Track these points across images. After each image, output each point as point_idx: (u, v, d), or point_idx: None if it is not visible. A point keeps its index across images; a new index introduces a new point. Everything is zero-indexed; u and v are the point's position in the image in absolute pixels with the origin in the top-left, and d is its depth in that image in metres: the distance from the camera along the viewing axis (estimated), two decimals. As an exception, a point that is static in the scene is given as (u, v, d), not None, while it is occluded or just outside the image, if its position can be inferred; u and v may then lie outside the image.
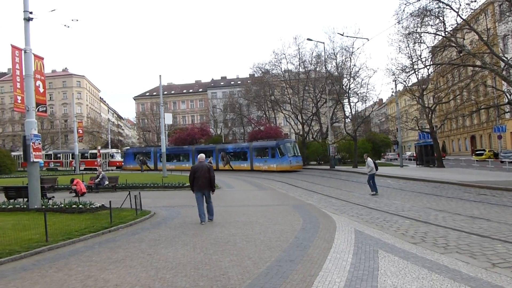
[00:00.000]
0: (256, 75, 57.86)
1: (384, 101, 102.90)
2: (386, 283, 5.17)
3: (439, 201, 13.86)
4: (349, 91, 42.83)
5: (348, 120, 47.95)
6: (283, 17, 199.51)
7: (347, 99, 44.12)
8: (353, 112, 45.30)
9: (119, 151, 53.88)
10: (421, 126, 42.39)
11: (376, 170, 16.80)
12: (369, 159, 17.14)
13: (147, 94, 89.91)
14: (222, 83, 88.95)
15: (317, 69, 48.89)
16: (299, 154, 40.83)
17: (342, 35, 36.29)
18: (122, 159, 51.85)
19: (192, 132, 59.52)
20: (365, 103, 45.35)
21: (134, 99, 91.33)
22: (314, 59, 48.76)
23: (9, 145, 73.12)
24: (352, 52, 40.78)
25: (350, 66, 41.85)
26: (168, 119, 38.31)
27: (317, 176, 29.73)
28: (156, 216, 11.81)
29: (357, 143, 41.94)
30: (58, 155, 55.75)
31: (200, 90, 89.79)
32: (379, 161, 53.56)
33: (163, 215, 12.03)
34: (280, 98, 54.83)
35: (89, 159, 51.96)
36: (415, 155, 46.39)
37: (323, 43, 47.01)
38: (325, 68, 44.52)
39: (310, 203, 14.32)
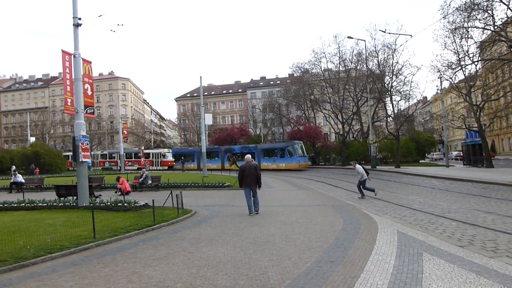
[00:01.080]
0: (295, 75, 57.57)
1: (428, 99, 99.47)
2: (431, 287, 5.00)
3: (488, 203, 13.21)
4: (392, 89, 41.74)
5: (390, 119, 46.74)
6: (323, 16, 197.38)
7: (389, 98, 43.03)
8: (396, 111, 44.11)
9: (170, 150, 53.41)
10: (468, 125, 40.59)
11: (368, 175, 16.37)
12: (357, 165, 16.71)
13: (188, 95, 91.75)
14: (261, 83, 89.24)
15: (358, 67, 47.98)
16: (306, 155, 45.14)
17: (384, 32, 35.47)
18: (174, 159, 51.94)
19: (232, 132, 60.11)
20: (408, 101, 44.06)
21: (176, 100, 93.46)
22: (354, 57, 47.93)
23: (60, 146, 76.91)
24: (395, 49, 39.76)
25: (392, 64, 40.81)
26: (208, 119, 38.89)
27: (357, 176, 29.15)
28: (196, 215, 12.02)
29: (399, 143, 40.79)
30: (113, 155, 56.45)
31: (240, 90, 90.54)
32: (422, 161, 51.91)
33: (203, 214, 12.23)
34: (320, 98, 54.27)
35: (145, 159, 52.08)
36: (461, 154, 44.48)
37: (364, 40, 46.17)
38: (366, 66, 43.65)
39: (350, 204, 14.09)
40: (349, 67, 48.67)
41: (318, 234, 8.59)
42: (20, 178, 23.75)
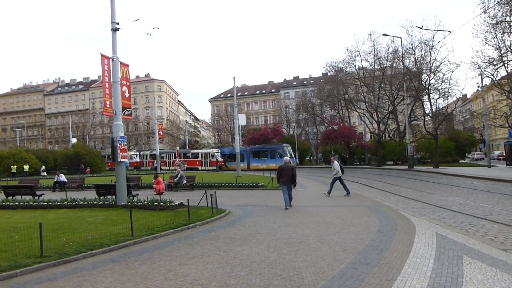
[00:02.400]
0: (329, 74, 56.94)
1: (468, 97, 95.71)
2: (472, 292, 4.82)
3: (535, 205, 12.58)
4: (429, 87, 40.51)
5: (428, 117, 45.36)
6: (357, 14, 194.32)
7: (426, 96, 41.79)
8: (434, 109, 42.74)
9: (219, 151, 52.75)
10: (511, 123, 38.77)
11: (342, 173, 17.03)
12: (335, 162, 17.26)
13: (222, 96, 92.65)
14: (294, 83, 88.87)
15: (394, 65, 46.86)
16: (293, 156, 48.70)
17: (421, 28, 34.47)
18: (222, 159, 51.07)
19: (265, 133, 60.19)
20: (447, 99, 42.55)
21: (210, 101, 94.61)
22: (390, 55, 46.87)
23: (99, 146, 79.60)
24: (432, 46, 38.55)
25: (430, 61, 39.60)
26: (241, 120, 39.13)
27: (394, 177, 28.52)
28: (231, 214, 12.13)
29: (438, 142, 39.52)
30: (162, 155, 55.21)
31: (273, 90, 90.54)
32: (462, 161, 50.06)
33: (237, 214, 12.32)
34: (354, 97, 53.43)
35: (191, 159, 52.15)
36: (504, 154, 42.53)
37: (400, 37, 44.94)
38: (403, 63, 42.56)
39: (386, 205, 13.78)
40: (385, 65, 47.62)
41: (353, 235, 8.47)
42: (62, 177, 24.78)
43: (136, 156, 59.36)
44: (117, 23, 14.65)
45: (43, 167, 40.38)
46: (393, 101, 47.65)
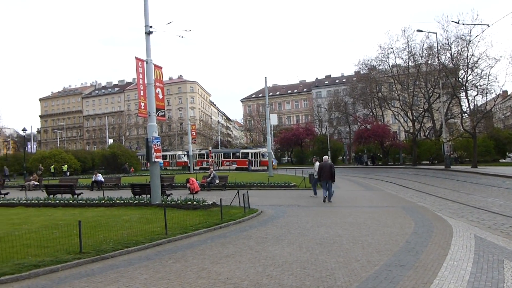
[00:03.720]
0: (361, 72, 55.91)
1: (509, 93, 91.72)
2: (514, 297, 4.63)
3: None
4: (467, 84, 39.04)
5: (465, 115, 43.76)
6: (389, 10, 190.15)
7: (464, 93, 40.28)
8: (472, 107, 41.17)
9: (270, 150, 52.55)
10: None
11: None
12: (317, 163, 17.15)
13: (253, 96, 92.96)
14: (326, 82, 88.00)
15: (429, 61, 45.43)
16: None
17: (458, 23, 33.26)
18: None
19: (297, 132, 59.85)
20: (486, 96, 40.80)
21: (241, 102, 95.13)
22: (425, 51, 45.41)
23: (134, 147, 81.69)
24: (470, 41, 37.09)
25: (467, 56, 38.13)
26: (273, 119, 39.06)
27: (430, 177, 27.71)
28: (263, 214, 12.16)
29: (476, 141, 38.05)
30: (212, 155, 54.30)
31: (305, 90, 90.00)
32: (503, 161, 47.98)
33: (269, 213, 12.34)
34: (388, 95, 52.24)
35: (240, 159, 50.60)
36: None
37: (435, 33, 43.33)
38: (438, 60, 41.24)
39: (422, 206, 13.42)
40: (419, 62, 46.23)
41: (387, 236, 8.31)
42: (100, 177, 25.61)
43: (184, 156, 57.51)
44: (151, 27, 14.97)
45: (66, 166, 41.62)
46: (428, 99, 46.27)
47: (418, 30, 38.56)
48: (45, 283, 5.82)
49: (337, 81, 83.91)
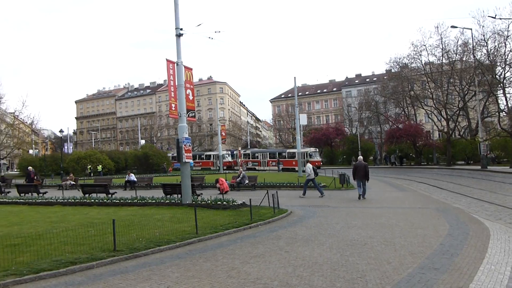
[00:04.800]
0: (393, 70, 54.74)
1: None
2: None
3: None
4: (504, 81, 37.55)
5: (503, 114, 42.07)
6: (421, 6, 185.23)
7: (501, 90, 38.75)
8: (510, 105, 39.55)
9: (317, 150, 49.19)
10: None
11: (316, 175, 18.45)
12: (308, 164, 18.67)
13: (283, 96, 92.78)
14: (356, 81, 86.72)
15: (464, 58, 43.96)
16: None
17: (494, 17, 32.05)
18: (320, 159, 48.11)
19: (327, 132, 59.24)
20: (526, 93, 39.14)
21: (271, 102, 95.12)
22: (459, 48, 43.96)
23: (165, 147, 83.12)
24: (508, 36, 35.67)
25: (504, 52, 36.68)
26: (303, 119, 38.83)
27: (465, 177, 26.82)
28: (292, 215, 12.12)
29: (516, 140, 36.51)
30: (256, 155, 53.26)
31: (334, 89, 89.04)
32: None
33: (299, 214, 12.28)
34: (421, 93, 50.91)
35: (287, 159, 48.70)
36: None
37: (471, 29, 41.96)
38: (474, 56, 39.84)
39: (457, 207, 13.00)
40: (454, 59, 44.81)
41: (421, 238, 8.11)
42: (133, 177, 26.23)
43: (228, 156, 56.33)
44: (181, 29, 15.19)
45: (89, 166, 42.59)
46: (463, 97, 44.77)
47: (452, 26, 37.36)
48: (81, 280, 6.02)
49: (367, 80, 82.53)
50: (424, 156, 52.56)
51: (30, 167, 26.73)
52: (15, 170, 51.04)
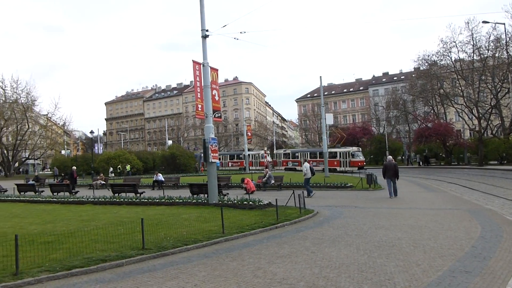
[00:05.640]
0: (421, 68, 53.52)
1: None
2: None
3: None
4: (540, 78, 36.11)
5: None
6: (450, 2, 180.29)
7: (536, 87, 37.26)
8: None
9: (360, 149, 46.75)
10: None
11: (313, 175, 18.61)
12: (305, 163, 18.88)
13: (308, 95, 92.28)
14: (384, 80, 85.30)
15: (496, 54, 42.49)
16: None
17: (529, 11, 30.79)
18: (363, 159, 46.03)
19: (354, 132, 58.53)
20: None
21: (296, 101, 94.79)
22: (491, 44, 42.52)
23: (192, 148, 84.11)
24: (544, 31, 34.28)
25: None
26: (329, 119, 38.51)
27: (498, 178, 25.93)
28: (319, 215, 12.04)
29: (553, 139, 35.05)
30: (296, 154, 51.26)
31: (361, 88, 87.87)
32: None
33: (325, 214, 12.19)
34: (451, 91, 49.56)
35: (329, 159, 44.59)
36: None
37: (503, 24, 40.37)
38: (507, 52, 38.51)
39: (490, 208, 12.58)
40: (485, 55, 43.38)
41: (451, 240, 7.90)
42: (160, 177, 26.68)
43: (267, 155, 55.21)
44: (207, 30, 15.34)
45: (111, 168, 43.24)
46: (496, 95, 43.30)
47: (484, 22, 36.34)
48: (111, 277, 6.18)
49: (395, 78, 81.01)
50: (454, 156, 51.16)
51: (74, 167, 27.59)
52: (49, 170, 53.02)
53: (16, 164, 63.98)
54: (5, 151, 59.04)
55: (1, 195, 21.84)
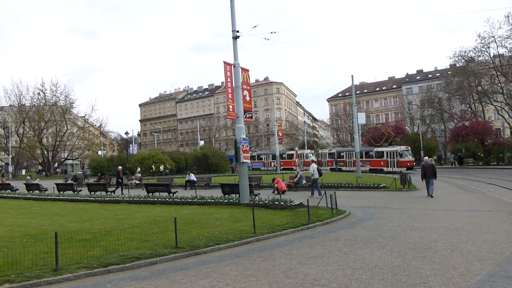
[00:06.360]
0: (457, 65, 51.76)
1: None
2: None
3: None
4: None
5: None
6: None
7: None
8: None
9: (409, 148, 44.30)
10: None
11: (320, 175, 18.92)
12: (312, 164, 19.14)
13: (340, 95, 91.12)
14: (418, 77, 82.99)
15: (540, 49, 40.60)
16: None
17: None
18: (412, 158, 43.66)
19: (387, 131, 57.20)
20: None
21: (328, 101, 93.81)
22: (534, 38, 40.67)
23: (223, 148, 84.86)
24: None
25: None
26: (361, 118, 37.90)
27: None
28: (351, 216, 11.88)
29: None
30: (341, 154, 49.32)
31: (394, 86, 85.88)
32: None
33: (358, 215, 12.02)
34: (489, 88, 47.68)
35: (374, 159, 43.79)
36: None
37: (547, 17, 38.61)
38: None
39: (533, 211, 12.04)
40: (528, 50, 41.53)
41: (490, 244, 7.61)
42: (193, 177, 27.06)
43: (312, 155, 52.88)
44: (237, 31, 15.46)
45: (139, 169, 43.80)
46: (539, 92, 41.40)
47: (526, 15, 34.64)
48: (145, 274, 6.33)
49: (429, 75, 78.70)
50: (493, 156, 49.15)
51: (119, 167, 28.35)
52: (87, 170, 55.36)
53: (56, 164, 66.54)
54: (46, 152, 61.55)
55: (42, 194, 22.78)
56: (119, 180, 26.09)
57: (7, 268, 6.42)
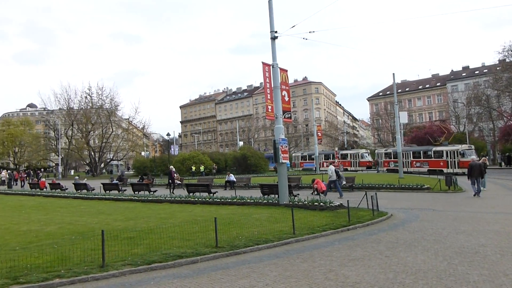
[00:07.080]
0: (507, 60, 49.16)
1: None
2: None
3: None
4: None
5: None
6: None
7: None
8: None
9: (472, 147, 41.44)
10: None
11: (338, 178, 18.86)
12: (330, 166, 19.56)
13: (380, 94, 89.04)
14: (463, 74, 79.59)
15: None
16: None
17: None
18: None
19: (430, 131, 55.24)
20: None
21: (368, 100, 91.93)
22: None
23: (262, 148, 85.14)
24: None
25: None
26: (403, 118, 36.86)
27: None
28: (393, 218, 11.59)
29: None
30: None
31: (438, 84, 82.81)
32: None
33: (400, 217, 11.70)
34: (543, 84, 44.96)
35: (433, 159, 40.71)
36: None
37: None
38: None
39: None
40: None
41: (545, 249, 7.18)
42: (232, 177, 27.34)
43: (368, 155, 51.87)
44: (276, 32, 15.46)
45: (202, 167, 43.77)
46: None
47: None
48: (187, 273, 6.47)
49: (476, 72, 75.21)
50: (548, 156, 46.31)
51: (171, 166, 28.90)
52: (131, 170, 57.29)
53: (102, 165, 69.28)
54: (93, 153, 64.26)
55: (89, 193, 23.79)
56: (171, 179, 26.20)
57: (58, 264, 6.76)
